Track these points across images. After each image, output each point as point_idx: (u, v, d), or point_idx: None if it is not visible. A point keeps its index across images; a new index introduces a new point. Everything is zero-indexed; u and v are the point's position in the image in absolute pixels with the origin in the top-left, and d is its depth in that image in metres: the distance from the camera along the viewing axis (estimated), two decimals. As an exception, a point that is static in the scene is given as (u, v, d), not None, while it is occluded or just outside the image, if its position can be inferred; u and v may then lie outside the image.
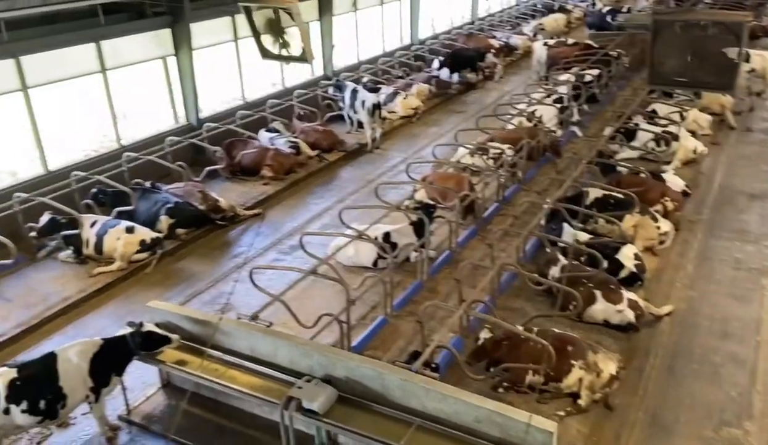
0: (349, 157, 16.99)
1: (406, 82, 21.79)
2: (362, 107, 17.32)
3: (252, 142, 15.76)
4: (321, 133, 17.09)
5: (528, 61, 25.96)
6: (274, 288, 9.20)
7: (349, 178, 15.71)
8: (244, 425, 7.54)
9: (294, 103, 18.49)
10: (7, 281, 10.98)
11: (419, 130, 19.24)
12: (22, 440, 7.59)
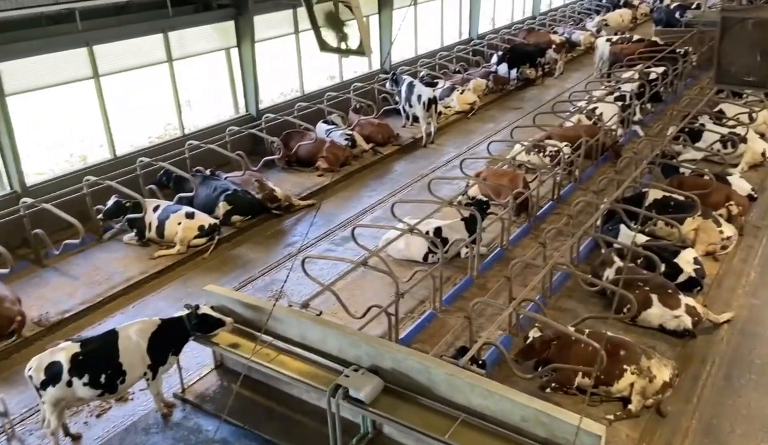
0: (403, 151, 17.03)
1: (463, 77, 21.64)
2: (418, 101, 17.32)
3: (308, 134, 16.00)
4: (376, 127, 17.19)
5: (590, 58, 25.38)
6: (325, 278, 9.37)
7: (403, 172, 15.75)
8: (292, 410, 7.72)
9: (351, 96, 18.65)
10: (74, 260, 11.54)
11: (475, 125, 19.10)
12: (83, 412, 7.99)
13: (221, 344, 7.75)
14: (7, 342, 9.20)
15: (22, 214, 11.34)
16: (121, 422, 7.81)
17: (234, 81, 16.62)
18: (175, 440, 7.41)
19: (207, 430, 7.54)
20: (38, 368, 6.99)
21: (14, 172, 12.09)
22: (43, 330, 9.57)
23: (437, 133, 17.89)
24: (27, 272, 11.15)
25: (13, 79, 11.83)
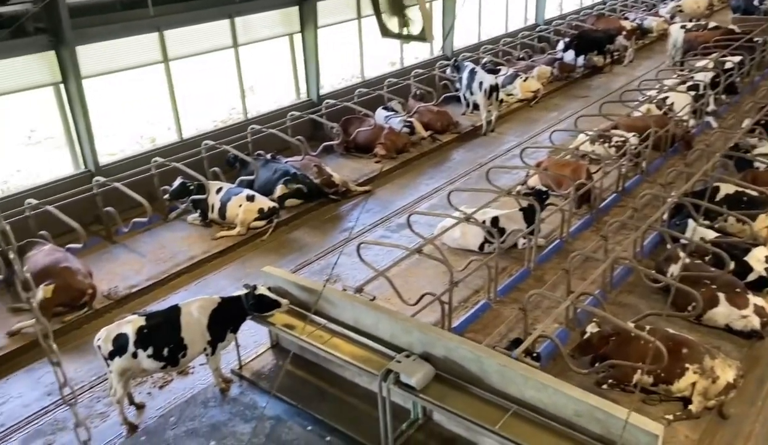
0: (462, 139, 16.87)
1: (527, 64, 21.21)
2: (479, 89, 17.10)
3: (367, 120, 16.06)
4: (435, 114, 17.08)
5: (662, 45, 24.38)
6: (380, 264, 9.41)
7: (461, 160, 15.62)
8: (344, 392, 7.83)
9: (411, 83, 18.59)
10: (141, 238, 12.03)
11: (537, 114, 18.71)
12: (147, 383, 8.35)
13: (277, 324, 7.93)
14: (79, 313, 9.70)
15: (94, 192, 11.88)
16: (182, 395, 8.12)
17: (296, 66, 16.84)
18: (232, 415, 7.65)
19: (261, 406, 7.75)
20: (106, 339, 7.35)
21: (89, 152, 12.67)
22: (112, 303, 10.04)
23: (498, 121, 17.63)
24: (98, 247, 11.70)
25: (89, 63, 12.36)
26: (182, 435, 7.37)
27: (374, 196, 13.77)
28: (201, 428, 7.46)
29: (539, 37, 24.14)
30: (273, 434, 7.32)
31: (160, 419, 7.65)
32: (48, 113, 12.61)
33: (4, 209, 10.99)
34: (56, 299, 9.46)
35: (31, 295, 1.98)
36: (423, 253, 9.26)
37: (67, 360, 8.92)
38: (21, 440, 7.62)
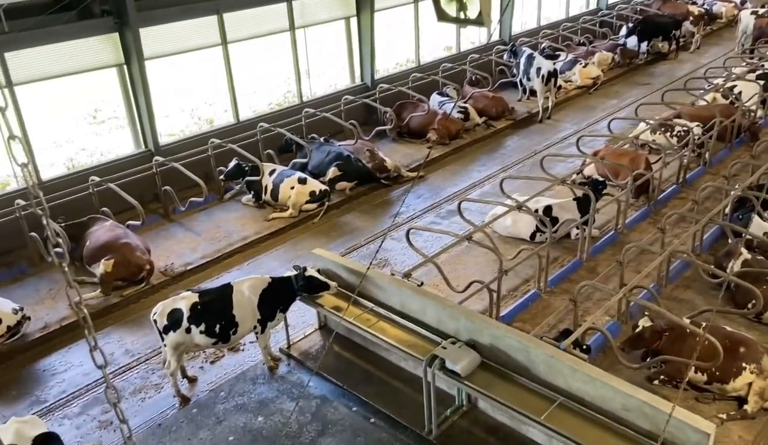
0: (517, 126, 16.59)
1: (587, 50, 20.62)
2: (537, 74, 16.75)
3: (421, 105, 15.97)
4: (491, 100, 16.83)
5: (731, 32, 23.30)
6: (429, 250, 9.42)
7: (515, 148, 15.37)
8: (389, 375, 7.89)
9: (467, 68, 18.36)
10: (197, 217, 12.37)
11: (596, 101, 18.20)
12: (199, 357, 8.62)
13: (325, 306, 8.05)
14: (137, 288, 10.07)
15: (154, 171, 12.27)
16: (232, 370, 8.35)
17: (352, 50, 16.87)
18: (279, 392, 7.83)
19: (308, 385, 7.89)
20: (162, 313, 7.62)
21: (149, 132, 13.07)
22: (168, 279, 10.38)
23: (555, 108, 17.25)
24: (156, 225, 12.10)
25: (151, 45, 12.71)
26: (231, 409, 7.60)
27: (425, 181, 13.73)
28: (249, 403, 7.67)
29: (601, 21, 23.41)
30: (318, 413, 7.46)
31: (211, 393, 7.90)
32: (112, 94, 13.06)
33: (69, 186, 11.52)
34: (116, 273, 9.85)
35: (63, 259, 2.07)
36: (473, 240, 9.19)
37: (125, 332, 9.33)
38: (81, 405, 8.00)
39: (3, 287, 10.15)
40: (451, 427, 7.11)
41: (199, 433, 7.30)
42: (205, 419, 7.48)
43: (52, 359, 8.89)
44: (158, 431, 7.38)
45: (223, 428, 7.34)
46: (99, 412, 7.86)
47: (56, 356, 8.94)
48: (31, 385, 8.45)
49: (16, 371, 8.70)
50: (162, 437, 7.30)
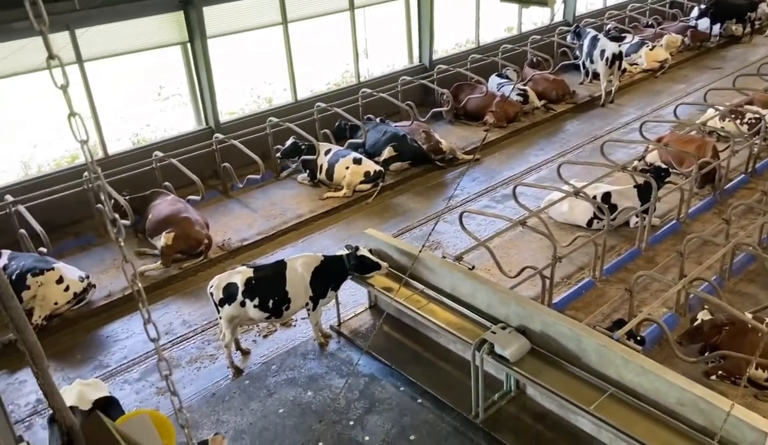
0: (578, 110, 16.16)
1: (655, 32, 19.82)
2: (600, 57, 16.22)
3: (479, 87, 15.75)
4: (551, 83, 16.44)
5: (815, 13, 21.89)
6: (482, 234, 9.34)
7: (575, 132, 14.99)
8: (437, 357, 7.92)
9: (527, 49, 17.96)
10: (254, 194, 12.63)
11: (663, 86, 17.51)
12: (253, 331, 8.86)
13: (376, 286, 8.11)
14: (196, 261, 10.40)
15: (214, 148, 12.57)
16: (284, 345, 8.54)
17: (411, 31, 16.75)
18: (329, 369, 7.97)
19: (357, 363, 8.01)
20: (218, 287, 7.85)
21: (210, 109, 13.39)
22: (224, 254, 10.67)
23: (618, 92, 16.70)
24: (215, 201, 12.42)
25: (214, 23, 12.96)
26: (282, 383, 7.79)
27: (481, 164, 13.58)
28: (299, 378, 7.84)
29: (671, 2, 22.43)
30: (366, 391, 7.56)
31: (263, 366, 8.12)
32: (176, 71, 13.41)
33: (134, 160, 11.95)
34: (176, 246, 10.19)
35: (120, 234, 2.15)
36: (527, 225, 9.05)
37: (183, 303, 9.67)
38: (140, 372, 8.37)
39: (71, 256, 10.66)
40: (498, 412, 7.09)
41: (250, 404, 7.52)
42: (257, 391, 7.71)
43: (115, 326, 9.30)
44: (212, 400, 7.65)
45: (274, 400, 7.54)
46: (157, 379, 8.18)
47: (119, 324, 9.34)
48: (94, 350, 8.88)
49: (82, 336, 9.16)
50: (215, 405, 7.56)
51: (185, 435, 2.07)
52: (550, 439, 6.75)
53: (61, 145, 12.55)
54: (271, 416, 7.32)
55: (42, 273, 9.14)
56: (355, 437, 6.95)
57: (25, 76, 10.82)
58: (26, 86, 11.21)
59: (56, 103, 10.07)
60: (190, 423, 6.15)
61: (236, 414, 7.40)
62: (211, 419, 7.38)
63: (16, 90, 11.51)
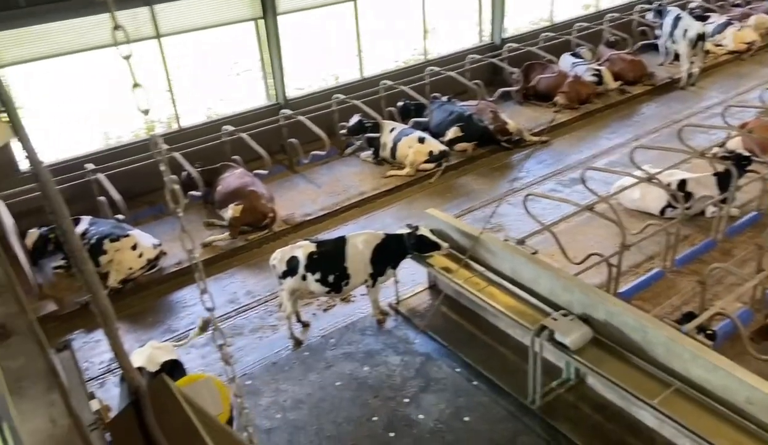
0: (655, 92, 15.46)
1: (743, 12, 18.64)
2: (683, 37, 15.42)
3: (551, 67, 15.29)
4: (628, 63, 15.77)
5: None
6: (546, 218, 9.11)
7: (651, 115, 14.36)
8: (495, 340, 7.84)
9: (604, 28, 17.27)
10: (319, 170, 12.79)
11: (749, 68, 16.49)
12: (313, 304, 9.02)
13: (435, 266, 8.08)
14: (261, 234, 10.66)
15: (281, 123, 12.78)
16: (343, 320, 8.66)
17: (482, 7, 16.40)
18: (385, 345, 8.04)
19: (414, 342, 8.04)
20: (281, 260, 8.02)
21: (279, 85, 13.59)
22: (288, 228, 10.88)
23: (701, 74, 15.84)
24: (281, 176, 12.66)
25: (287, 0, 13.09)
26: (340, 356, 7.92)
27: (549, 147, 13.24)
28: (356, 353, 7.95)
29: (764, -22, 21.00)
30: (422, 370, 7.58)
31: (322, 339, 8.27)
32: (248, 47, 13.65)
33: (206, 133, 12.31)
34: (243, 218, 10.46)
35: (180, 206, 2.20)
36: (595, 211, 8.77)
37: (248, 274, 9.95)
38: (207, 338, 8.62)
39: (145, 224, 11.13)
40: (555, 399, 6.97)
41: (309, 375, 7.69)
42: (315, 363, 7.86)
43: (184, 293, 9.67)
44: (272, 369, 7.86)
45: (332, 373, 7.68)
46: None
47: (187, 290, 9.71)
48: (164, 314, 9.28)
49: (153, 300, 9.58)
50: (275, 374, 7.78)
51: (239, 405, 2.13)
52: (609, 430, 6.59)
53: (140, 117, 13.04)
54: (328, 388, 7.46)
55: (118, 239, 9.60)
56: (410, 414, 7.00)
57: (104, 50, 11.29)
58: (104, 59, 11.67)
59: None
60: (244, 393, 6.34)
61: (295, 384, 7.58)
62: (270, 386, 7.59)
63: (97, 63, 12.01)
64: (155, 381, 2.22)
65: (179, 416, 2.02)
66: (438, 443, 6.62)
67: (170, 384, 2.17)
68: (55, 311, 9.16)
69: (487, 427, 6.76)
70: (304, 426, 6.97)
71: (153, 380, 2.23)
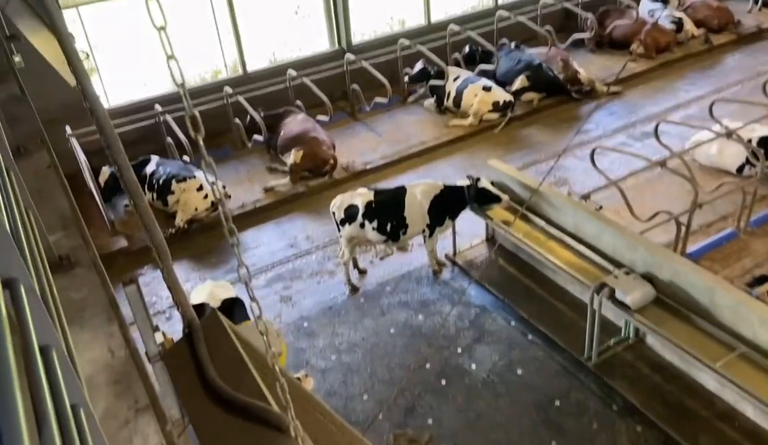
0: (741, 42, 14.42)
1: None
2: (777, -20, 14.22)
3: (629, 12, 14.45)
4: (713, 10, 14.72)
5: None
6: (614, 173, 8.77)
7: (735, 67, 13.44)
8: (552, 296, 7.72)
9: (689, -29, 16.10)
10: (380, 118, 12.68)
11: None
12: (370, 252, 9.09)
13: (494, 219, 7.95)
14: (321, 180, 10.74)
15: (344, 69, 12.67)
16: (399, 268, 8.71)
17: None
18: (441, 296, 8.05)
19: (470, 294, 8.02)
20: (340, 207, 8.08)
21: (343, 30, 13.43)
22: (348, 175, 10.91)
23: (794, 22, 14.66)
24: (342, 122, 12.63)
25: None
26: (395, 304, 8.01)
27: (621, 98, 12.65)
28: (411, 301, 8.01)
29: None
30: (476, 322, 7.58)
31: (378, 287, 8.36)
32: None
33: (269, 77, 12.37)
34: (304, 164, 10.56)
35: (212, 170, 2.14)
36: (667, 167, 8.36)
37: (308, 220, 10.10)
38: (266, 280, 8.93)
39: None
40: (612, 357, 6.85)
41: (364, 321, 7.82)
42: (371, 309, 7.98)
43: (246, 235, 9.92)
44: (329, 313, 8.04)
45: (386, 320, 7.79)
46: (281, 287, 8.72)
47: (249, 233, 9.96)
48: (227, 255, 9.56)
49: (217, 241, 9.87)
50: (332, 318, 7.95)
51: (263, 342, 2.16)
52: (667, 391, 6.45)
53: (206, 61, 13.18)
54: (382, 334, 7.58)
55: (185, 180, 9.89)
56: (462, 364, 7.04)
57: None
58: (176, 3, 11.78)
59: (202, 19, 10.36)
60: (279, 333, 6.48)
61: (350, 328, 7.74)
62: (327, 330, 7.78)
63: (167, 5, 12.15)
64: (209, 316, 2.28)
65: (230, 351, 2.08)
66: (490, 394, 6.66)
67: (224, 321, 2.22)
68: (126, 247, 9.61)
69: (540, 381, 6.74)
70: (358, 369, 7.13)
71: (207, 317, 2.29)
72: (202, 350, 1.95)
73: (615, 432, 6.14)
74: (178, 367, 2.01)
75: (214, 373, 1.92)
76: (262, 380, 2.03)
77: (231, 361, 2.03)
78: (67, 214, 2.29)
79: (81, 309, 1.84)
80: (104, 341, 1.73)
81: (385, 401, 6.65)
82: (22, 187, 1.96)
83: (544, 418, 6.34)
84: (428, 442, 6.20)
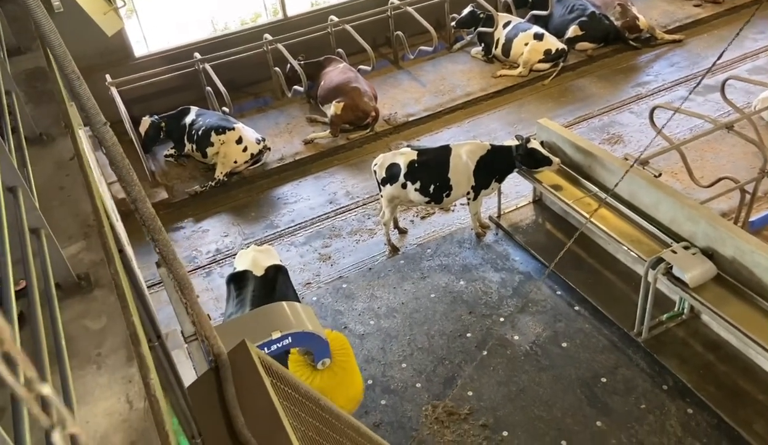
0: (821, -16, 13.19)
1: None
2: None
3: (696, -48, 13.34)
4: (792, -53, 13.44)
5: None
6: (673, 130, 8.22)
7: (814, 13, 12.36)
8: (602, 265, 7.36)
9: None
10: (424, 66, 12.16)
11: None
12: (411, 212, 8.83)
13: (543, 183, 7.55)
14: (362, 133, 10.42)
15: (388, 15, 12.11)
16: (441, 230, 8.45)
17: None
18: (484, 260, 7.78)
19: (514, 259, 7.73)
20: (381, 166, 7.79)
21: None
22: (390, 128, 10.55)
23: None
24: (385, 71, 12.16)
25: None
26: (435, 267, 7.78)
27: (684, 47, 11.81)
28: (453, 265, 7.76)
29: None
30: (521, 289, 7.32)
31: (418, 248, 8.13)
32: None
33: (311, 23, 11.91)
34: (344, 116, 10.23)
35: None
36: (733, 129, 7.74)
37: (348, 175, 9.84)
38: (305, 236, 8.79)
39: (249, 117, 11.18)
40: (664, 333, 6.53)
41: (403, 284, 7.64)
42: (411, 272, 7.78)
43: (285, 190, 9.76)
44: (368, 274, 7.87)
45: (426, 284, 7.58)
46: (320, 244, 8.57)
47: (289, 187, 9.79)
48: (266, 209, 9.45)
49: (256, 195, 9.76)
50: (371, 280, 7.79)
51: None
52: (720, 372, 6.13)
53: (246, 3, 12.77)
54: (422, 299, 7.40)
55: (224, 132, 9.70)
56: (504, 334, 6.83)
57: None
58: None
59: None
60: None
61: (389, 292, 7.57)
62: (366, 292, 7.63)
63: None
64: (238, 347, 2.08)
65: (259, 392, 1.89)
66: (532, 367, 6.46)
67: (252, 352, 2.02)
68: (167, 199, 9.57)
69: (586, 355, 6.49)
70: (397, 335, 7.00)
71: (236, 347, 2.09)
72: (230, 392, 1.77)
73: (664, 413, 5.90)
74: (203, 405, 1.84)
75: (242, 423, 1.74)
76: (293, 415, 1.84)
77: (260, 407, 1.84)
78: (89, 220, 2.10)
79: (98, 344, 1.66)
80: (122, 388, 1.55)
81: (424, 370, 6.53)
82: (30, 207, 1.75)
83: (589, 395, 6.12)
84: (467, 414, 6.08)
